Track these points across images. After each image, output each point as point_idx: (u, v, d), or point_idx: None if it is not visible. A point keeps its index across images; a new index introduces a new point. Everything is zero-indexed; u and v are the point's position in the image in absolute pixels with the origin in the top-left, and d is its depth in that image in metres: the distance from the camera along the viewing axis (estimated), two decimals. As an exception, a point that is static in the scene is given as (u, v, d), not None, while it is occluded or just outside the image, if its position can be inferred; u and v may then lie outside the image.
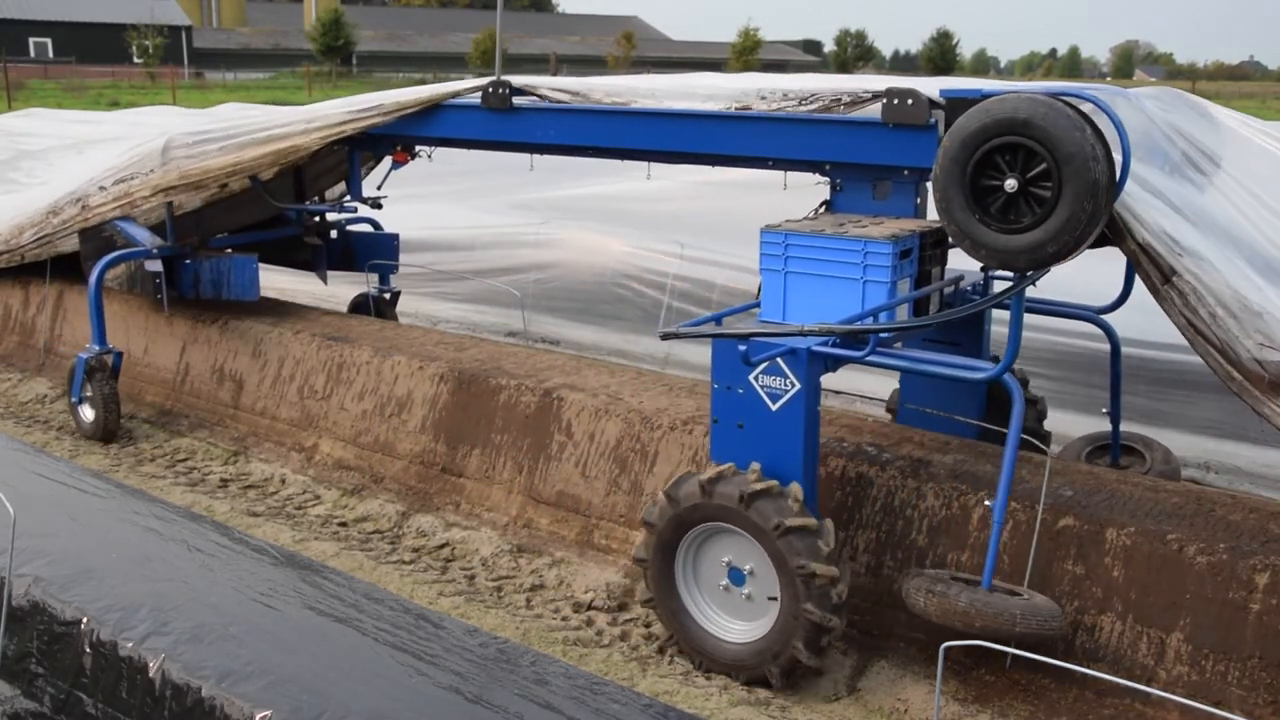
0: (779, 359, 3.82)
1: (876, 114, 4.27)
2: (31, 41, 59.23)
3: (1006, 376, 3.63)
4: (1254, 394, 3.54)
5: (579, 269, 8.46)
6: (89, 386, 6.40)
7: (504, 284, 8.32)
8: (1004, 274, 4.56)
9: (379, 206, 6.78)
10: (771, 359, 3.83)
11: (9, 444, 4.73)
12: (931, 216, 4.26)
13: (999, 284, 4.68)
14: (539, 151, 5.74)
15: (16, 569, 3.33)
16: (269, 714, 2.65)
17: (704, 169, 5.43)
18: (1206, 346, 3.60)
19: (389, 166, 6.55)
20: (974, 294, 4.65)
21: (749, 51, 75.44)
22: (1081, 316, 4.79)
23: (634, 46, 75.18)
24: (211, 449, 6.32)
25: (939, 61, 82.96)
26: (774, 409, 3.86)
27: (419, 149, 6.30)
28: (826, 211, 4.58)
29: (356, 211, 6.97)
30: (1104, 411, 4.95)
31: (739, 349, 3.83)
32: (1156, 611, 3.70)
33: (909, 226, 4.15)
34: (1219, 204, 4.10)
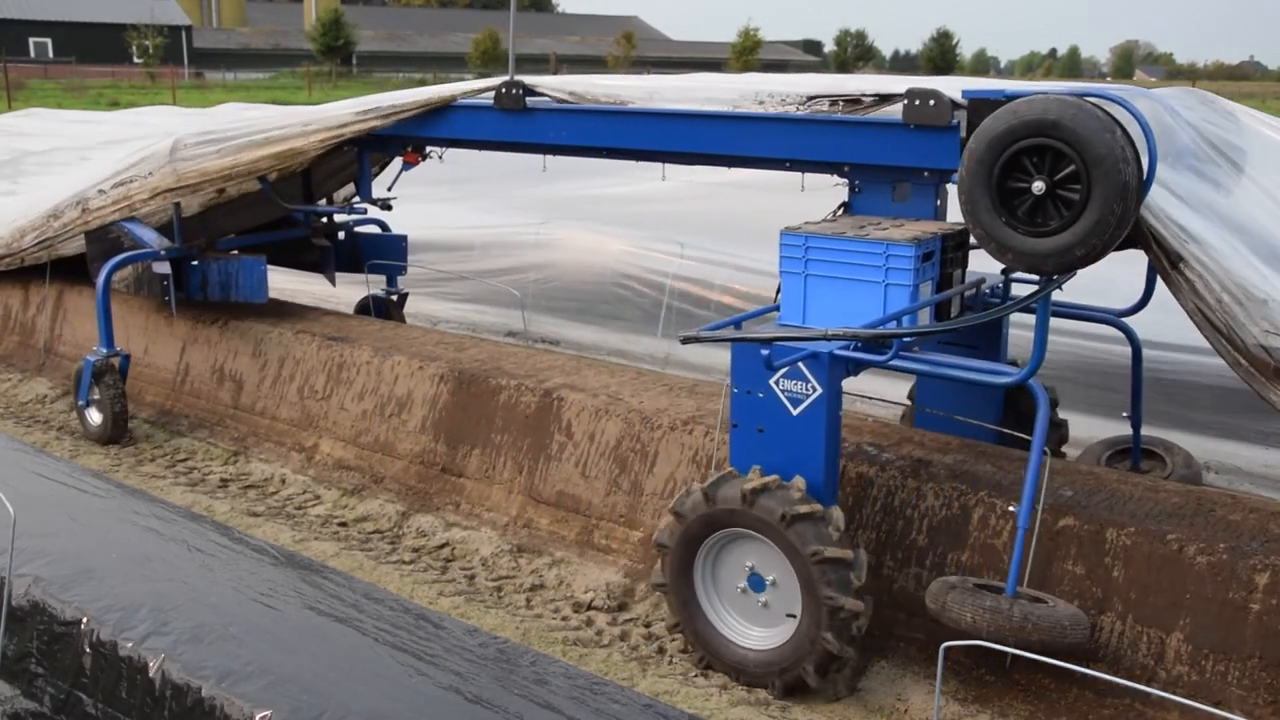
0: (800, 363, 3.77)
1: (896, 115, 4.21)
2: (31, 41, 59.24)
3: (1032, 381, 3.58)
4: (1260, 380, 3.54)
5: (579, 269, 8.46)
6: (96, 389, 6.34)
7: (504, 284, 8.32)
8: (1025, 277, 4.53)
9: (389, 208, 6.71)
10: (792, 363, 3.78)
11: (9, 444, 4.74)
12: (952, 218, 4.23)
13: (1017, 286, 4.66)
14: (552, 152, 5.67)
15: (16, 569, 3.33)
16: (269, 714, 2.65)
17: (703, 169, 5.40)
18: (1214, 333, 3.59)
19: (399, 168, 6.47)
20: (993, 297, 4.59)
21: (749, 51, 75.42)
22: (1102, 319, 4.73)
23: (634, 46, 75.17)
24: (211, 449, 6.32)
25: (939, 61, 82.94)
26: (795, 413, 3.82)
27: (430, 150, 6.24)
28: (845, 213, 4.52)
29: (366, 213, 6.93)
30: (1124, 415, 4.89)
31: (761, 353, 3.75)
32: (1156, 611, 3.70)
33: (930, 229, 4.09)
34: (1236, 199, 4.06)
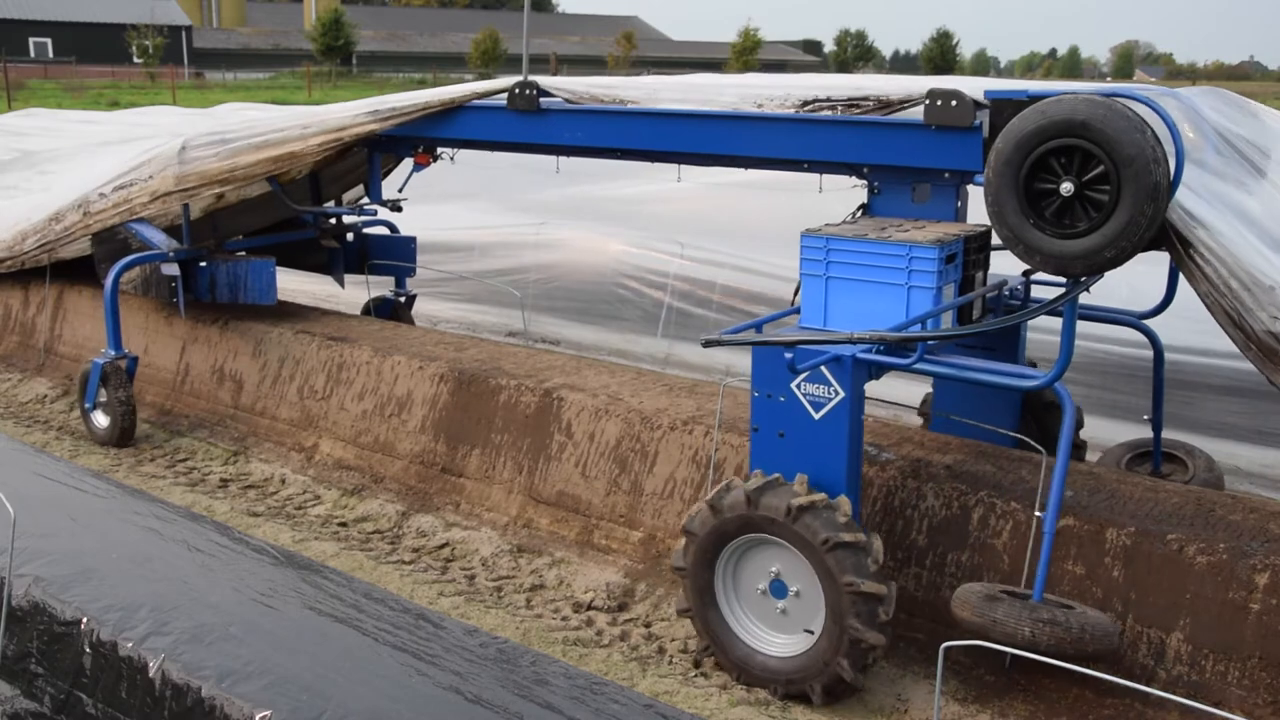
0: (822, 366, 3.72)
1: (915, 115, 4.16)
2: (31, 41, 59.22)
3: (1057, 384, 3.54)
4: (1270, 366, 3.53)
5: (579, 269, 8.47)
6: (104, 392, 6.29)
7: (504, 284, 8.32)
8: (1044, 279, 4.50)
9: (399, 209, 6.64)
10: (815, 367, 3.73)
11: (9, 444, 4.74)
12: (972, 220, 4.20)
13: (1037, 288, 4.63)
14: (566, 153, 5.62)
15: (16, 569, 3.33)
16: (269, 714, 2.65)
17: (720, 170, 5.33)
18: (1224, 318, 3.58)
19: (410, 169, 6.37)
20: (1013, 298, 4.56)
21: (749, 52, 75.43)
22: (1124, 322, 4.68)
23: (634, 46, 75.16)
24: (211, 449, 6.32)
25: (939, 61, 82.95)
26: (816, 417, 3.78)
27: (441, 151, 6.18)
28: (864, 215, 4.47)
29: (376, 214, 6.86)
30: (1145, 418, 4.84)
31: (785, 356, 3.71)
32: (1156, 611, 3.70)
33: (953, 230, 4.05)
34: (1253, 195, 4.02)
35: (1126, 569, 3.78)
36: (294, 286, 8.35)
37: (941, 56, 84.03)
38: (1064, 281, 3.72)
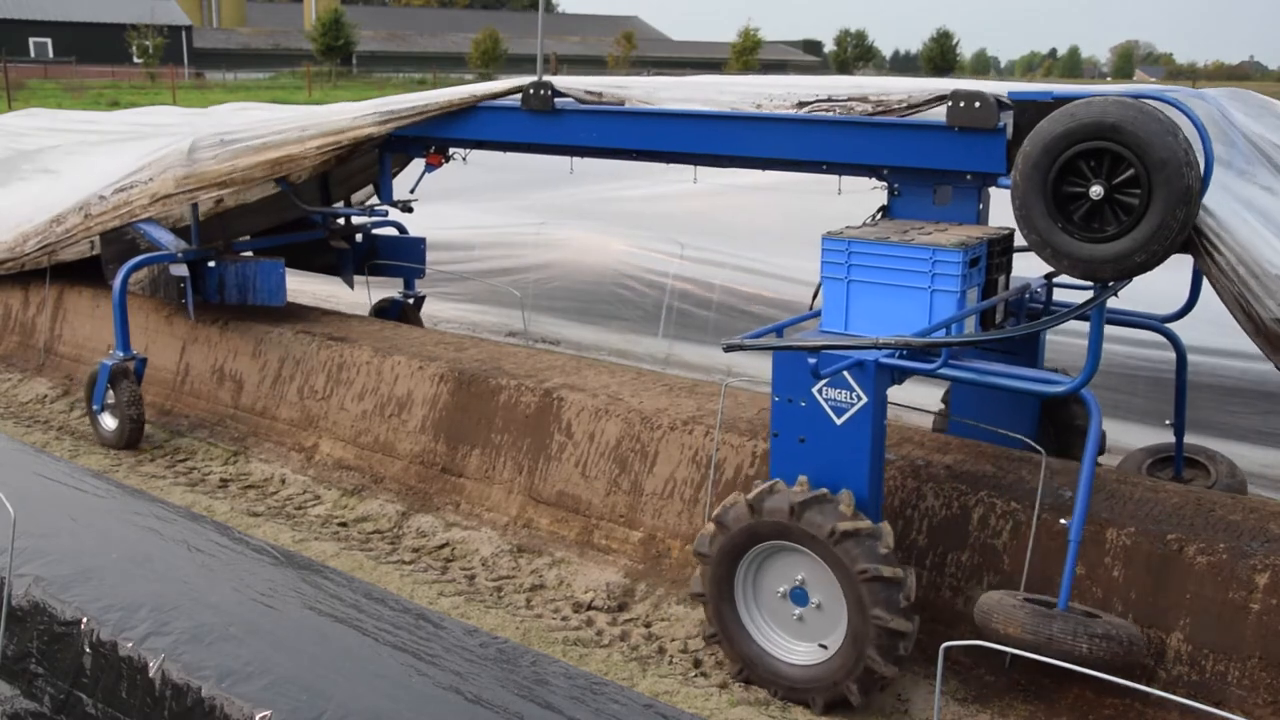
0: (845, 371, 3.66)
1: (934, 117, 4.11)
2: (31, 41, 59.22)
3: (1084, 390, 3.49)
4: (1276, 353, 3.53)
5: (579, 269, 8.47)
6: (112, 394, 6.24)
7: (504, 284, 8.32)
8: (1070, 282, 4.43)
9: (410, 210, 6.57)
10: (838, 371, 3.67)
11: (9, 444, 4.74)
12: (994, 223, 4.15)
13: (1059, 291, 4.59)
14: (581, 154, 5.52)
15: (16, 569, 3.33)
16: (269, 714, 2.65)
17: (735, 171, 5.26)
18: (1234, 304, 3.57)
19: (422, 169, 6.29)
20: (1034, 302, 4.52)
21: (749, 52, 75.51)
22: (1146, 325, 4.62)
23: (634, 46, 75.17)
24: (211, 449, 6.32)
25: (939, 61, 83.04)
26: (838, 423, 3.73)
27: (453, 151, 6.10)
28: (884, 217, 4.41)
29: (386, 214, 6.81)
30: (1167, 423, 4.78)
31: (808, 361, 3.64)
32: (1156, 611, 3.70)
33: (975, 233, 3.99)
34: (1271, 193, 4.00)
35: (1126, 569, 3.78)
36: (294, 286, 8.32)
37: (941, 56, 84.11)
38: (1086, 285, 3.68)
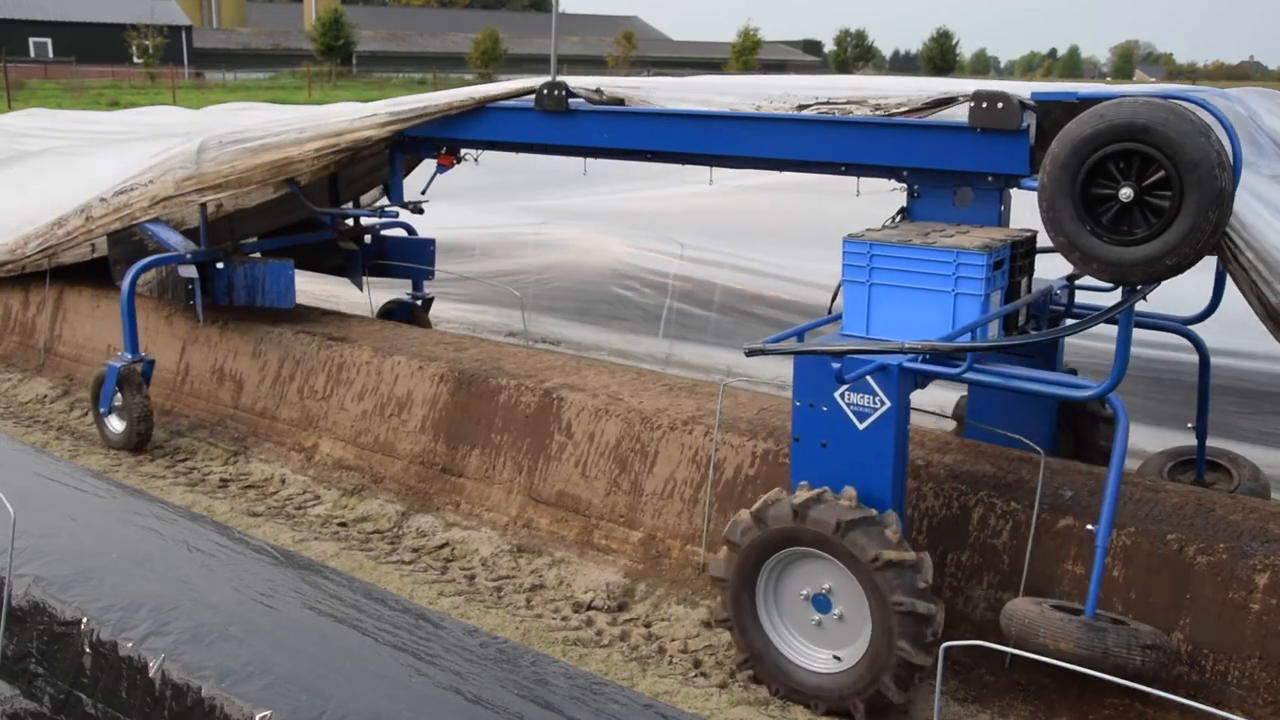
0: (868, 376, 3.62)
1: (952, 117, 4.08)
2: (31, 41, 59.22)
3: (1111, 395, 3.46)
4: None
5: (579, 269, 8.47)
6: (120, 396, 6.19)
7: (504, 284, 8.32)
8: (1092, 284, 4.41)
9: (420, 211, 6.51)
10: (861, 376, 3.63)
11: (9, 444, 4.74)
12: (1016, 225, 4.13)
13: (1080, 293, 4.57)
14: (594, 155, 5.45)
15: (16, 569, 3.33)
16: (269, 714, 2.65)
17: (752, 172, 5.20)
18: (1246, 290, 3.57)
19: (434, 170, 6.24)
20: (1055, 304, 4.48)
21: (749, 52, 75.51)
22: (1168, 328, 4.58)
23: (634, 46, 75.16)
24: (211, 449, 6.32)
25: (939, 61, 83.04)
26: (861, 428, 3.69)
27: (465, 152, 6.04)
28: (904, 219, 4.36)
29: (397, 216, 6.78)
30: (1189, 426, 4.74)
31: (833, 366, 3.61)
32: (1156, 611, 3.70)
33: (999, 236, 3.94)
34: None
35: (1126, 569, 3.78)
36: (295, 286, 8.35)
37: (941, 56, 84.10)
38: (1107, 287, 3.66)
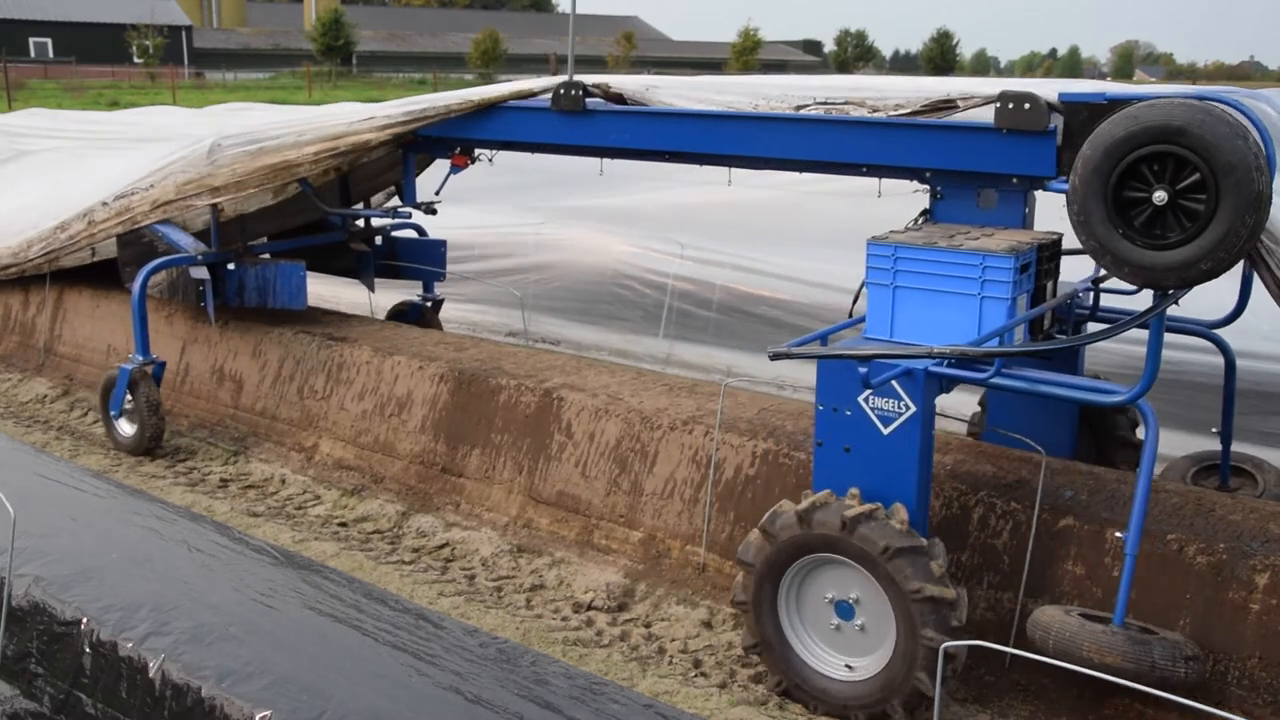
0: (893, 380, 3.58)
1: (976, 118, 4.04)
2: (31, 41, 59.22)
3: (1140, 400, 3.41)
4: None
5: (579, 269, 8.46)
6: (131, 398, 6.15)
7: (504, 284, 8.32)
8: (1119, 287, 4.38)
9: (433, 212, 6.46)
10: (887, 380, 3.59)
11: (9, 444, 4.74)
12: (1039, 227, 4.10)
13: (1101, 297, 4.55)
14: (611, 155, 5.39)
15: (16, 569, 3.33)
16: (269, 714, 2.65)
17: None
18: (1267, 274, 3.56)
19: (447, 171, 6.15)
20: (1080, 307, 4.45)
21: (749, 52, 75.51)
22: (1194, 331, 4.52)
23: (634, 46, 75.13)
24: (211, 449, 6.32)
25: (939, 61, 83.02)
26: (885, 433, 3.64)
27: (479, 152, 5.98)
28: (927, 221, 4.29)
29: (410, 217, 6.68)
30: (1214, 431, 4.69)
31: (858, 370, 3.55)
32: (1156, 611, 3.70)
33: (1025, 238, 3.89)
34: None
35: (1126, 569, 3.77)
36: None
37: (941, 56, 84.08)
38: (1132, 291, 3.63)
